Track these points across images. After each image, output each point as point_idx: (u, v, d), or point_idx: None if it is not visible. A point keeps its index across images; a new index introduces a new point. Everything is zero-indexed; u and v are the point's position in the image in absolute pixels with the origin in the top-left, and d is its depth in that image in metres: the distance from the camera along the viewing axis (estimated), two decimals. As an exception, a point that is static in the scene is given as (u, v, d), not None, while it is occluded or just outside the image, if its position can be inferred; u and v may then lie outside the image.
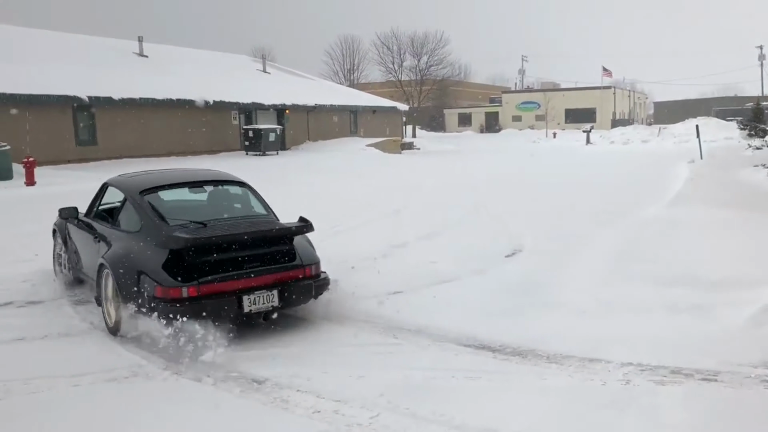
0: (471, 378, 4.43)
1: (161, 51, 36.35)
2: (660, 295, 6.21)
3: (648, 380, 4.31)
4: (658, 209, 11.48)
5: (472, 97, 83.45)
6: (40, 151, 21.51)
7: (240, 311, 5.15)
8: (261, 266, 5.36)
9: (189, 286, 5.02)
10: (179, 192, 6.45)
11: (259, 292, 5.22)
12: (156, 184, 6.20)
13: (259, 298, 5.22)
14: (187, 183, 6.53)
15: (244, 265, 5.28)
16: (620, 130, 43.09)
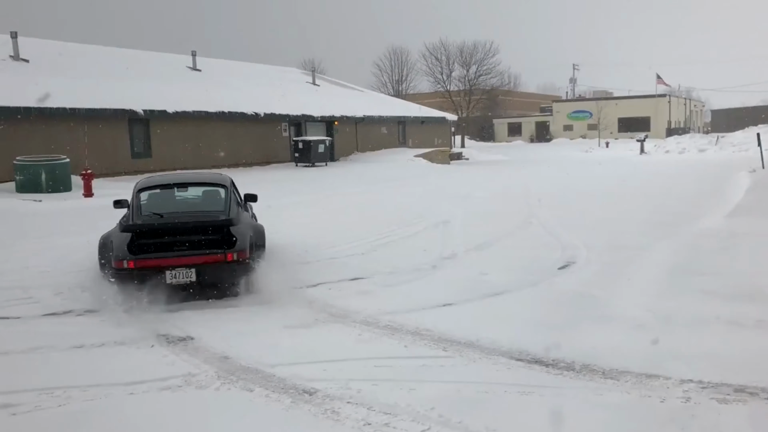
0: (524, 393, 4.34)
1: (213, 65, 37.16)
2: (721, 309, 6.00)
3: (710, 398, 4.15)
4: (717, 220, 11.12)
5: (522, 107, 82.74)
6: (97, 164, 22.20)
7: (164, 282, 6.49)
8: (184, 249, 6.72)
9: (129, 260, 6.50)
10: (168, 191, 7.88)
11: (179, 269, 6.54)
12: (151, 184, 7.80)
13: (179, 274, 6.55)
14: (176, 184, 7.99)
15: (173, 247, 6.74)
16: (676, 139, 42.02)
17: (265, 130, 31.41)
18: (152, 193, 7.68)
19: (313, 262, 8.78)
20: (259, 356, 5.10)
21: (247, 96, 31.99)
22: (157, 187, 7.79)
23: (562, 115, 73.07)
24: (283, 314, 6.32)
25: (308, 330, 5.84)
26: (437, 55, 62.59)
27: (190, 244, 6.80)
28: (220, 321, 6.13)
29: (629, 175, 23.31)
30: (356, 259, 9.00)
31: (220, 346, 5.38)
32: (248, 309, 6.54)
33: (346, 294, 7.01)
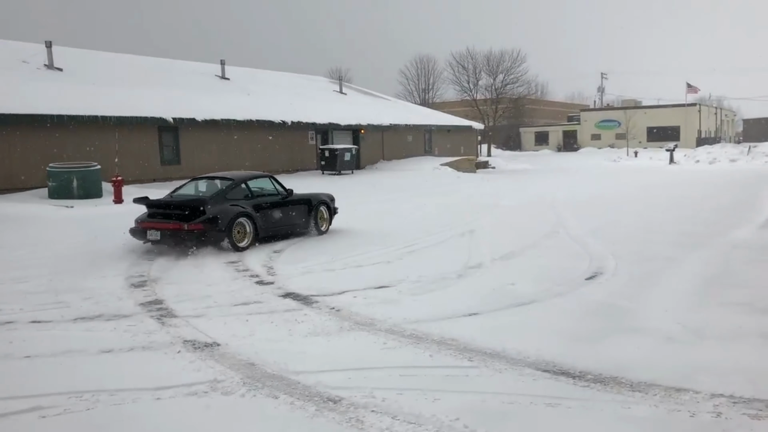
0: (550, 405, 4.29)
1: (242, 74, 37.55)
2: (753, 322, 5.89)
3: (741, 413, 4.07)
4: (750, 232, 10.94)
5: (549, 116, 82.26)
6: (127, 170, 22.53)
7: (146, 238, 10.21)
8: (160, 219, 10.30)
9: (137, 221, 10.52)
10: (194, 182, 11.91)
11: (153, 231, 10.11)
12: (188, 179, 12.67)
13: (152, 234, 10.10)
14: (204, 177, 11.99)
15: (156, 216, 10.45)
16: (706, 149, 41.42)
17: (292, 138, 31.62)
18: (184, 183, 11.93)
19: (339, 270, 8.80)
20: (284, 363, 5.12)
21: (275, 104, 32.27)
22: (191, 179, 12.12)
23: (589, 124, 72.47)
24: (309, 322, 6.34)
25: (333, 338, 5.84)
26: (464, 64, 62.54)
27: (164, 215, 10.39)
28: (246, 328, 6.16)
29: (658, 185, 23.02)
30: (382, 267, 9.00)
31: (246, 353, 5.41)
32: (273, 316, 6.57)
33: (372, 302, 7.01)
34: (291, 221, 11.64)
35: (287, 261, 9.55)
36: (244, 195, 11.03)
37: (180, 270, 9.04)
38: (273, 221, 11.22)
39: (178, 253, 10.13)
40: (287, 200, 11.61)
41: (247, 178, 11.41)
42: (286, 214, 11.52)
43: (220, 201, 10.54)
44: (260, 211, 10.95)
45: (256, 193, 11.39)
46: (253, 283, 8.13)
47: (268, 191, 11.64)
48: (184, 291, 7.73)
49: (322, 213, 12.22)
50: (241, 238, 10.46)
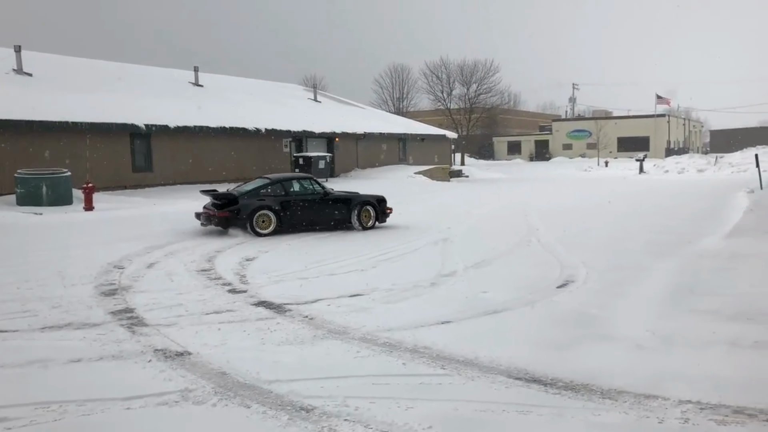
0: (522, 412, 4.32)
1: (215, 80, 37.35)
2: (720, 329, 6.00)
3: (708, 419, 4.14)
4: (717, 241, 11.14)
5: (522, 125, 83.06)
6: (98, 177, 22.23)
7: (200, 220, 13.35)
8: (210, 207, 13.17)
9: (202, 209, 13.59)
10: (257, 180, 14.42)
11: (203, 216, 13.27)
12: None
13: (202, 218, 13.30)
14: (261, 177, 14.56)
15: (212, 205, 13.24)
16: (675, 159, 42.18)
17: (267, 146, 31.50)
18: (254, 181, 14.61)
19: (312, 278, 8.78)
20: (257, 372, 5.09)
21: (249, 111, 32.14)
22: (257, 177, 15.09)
23: (561, 134, 73.36)
24: (282, 330, 6.31)
25: (306, 346, 5.82)
26: (438, 74, 62.90)
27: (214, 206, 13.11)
28: (218, 336, 6.11)
29: (628, 194, 23.36)
30: (355, 275, 8.99)
31: (217, 362, 5.36)
32: (246, 325, 6.53)
33: (345, 310, 7.00)
34: (326, 216, 13.71)
35: (260, 269, 9.50)
36: (277, 192, 13.38)
37: (151, 278, 8.94)
38: (301, 215, 13.40)
39: (149, 263, 9.99)
40: (323, 199, 13.69)
41: (283, 179, 13.88)
42: (321, 210, 13.63)
43: (252, 196, 13.11)
44: (288, 206, 13.23)
45: (293, 191, 13.63)
46: (225, 292, 8.07)
47: (307, 190, 13.77)
48: (156, 299, 7.64)
49: (367, 211, 14.02)
50: (265, 227, 12.92)
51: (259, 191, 13.33)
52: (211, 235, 13.03)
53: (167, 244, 11.93)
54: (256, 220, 12.85)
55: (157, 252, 11.05)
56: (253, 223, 12.81)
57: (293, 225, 13.33)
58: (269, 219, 12.98)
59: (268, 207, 13.00)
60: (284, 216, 13.16)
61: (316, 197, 13.73)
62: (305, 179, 14.29)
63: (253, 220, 12.81)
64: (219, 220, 12.77)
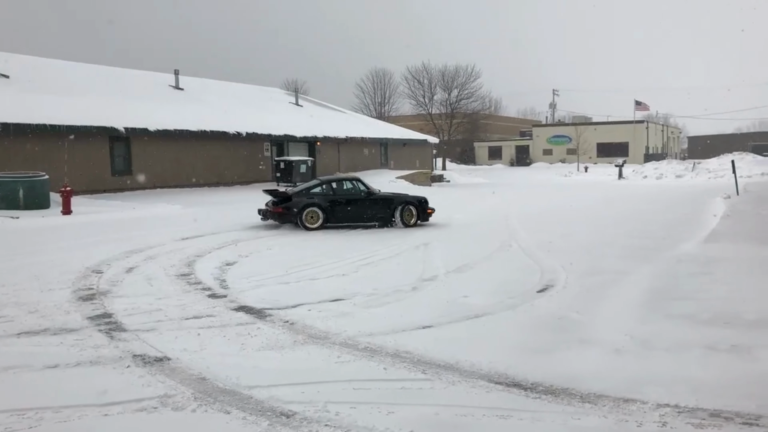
0: (502, 417, 4.34)
1: (196, 84, 37.15)
2: (698, 334, 6.07)
3: (686, 423, 4.18)
4: (694, 246, 11.27)
5: (502, 131, 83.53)
6: (76, 181, 22.00)
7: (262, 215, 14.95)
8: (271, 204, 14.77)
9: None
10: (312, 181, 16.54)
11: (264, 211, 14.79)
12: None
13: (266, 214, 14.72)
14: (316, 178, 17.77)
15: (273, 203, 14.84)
16: (653, 165, 42.65)
17: (247, 150, 31.38)
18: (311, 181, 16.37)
19: (293, 283, 8.75)
20: (236, 378, 5.06)
21: (230, 115, 31.99)
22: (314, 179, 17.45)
23: (541, 139, 73.91)
24: (262, 335, 6.28)
25: (287, 351, 5.80)
26: (419, 79, 63.14)
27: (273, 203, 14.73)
28: (197, 342, 6.07)
29: (608, 199, 23.58)
30: (337, 279, 8.98)
31: (197, 367, 5.32)
32: (226, 330, 6.49)
33: (326, 315, 6.99)
34: (369, 214, 14.99)
35: (240, 274, 9.45)
36: (326, 192, 14.78)
37: (130, 283, 8.86)
38: (346, 212, 14.79)
39: (128, 267, 9.90)
40: (367, 198, 15.01)
41: (332, 180, 15.45)
42: (364, 209, 14.95)
43: (303, 195, 14.64)
44: (335, 204, 14.62)
45: (341, 191, 15.04)
46: (205, 297, 8.01)
47: (353, 190, 15.17)
48: (134, 304, 7.57)
49: (410, 210, 15.13)
50: (313, 222, 14.35)
51: (310, 191, 14.82)
52: (190, 239, 12.95)
53: (147, 248, 11.82)
54: (305, 216, 14.29)
55: (136, 256, 10.95)
56: (303, 218, 14.26)
57: (339, 221, 14.69)
58: (317, 215, 14.36)
59: (317, 205, 14.43)
60: (331, 213, 14.53)
61: (361, 197, 15.05)
62: (352, 180, 15.57)
63: (303, 216, 14.26)
64: (274, 215, 14.43)
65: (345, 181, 15.50)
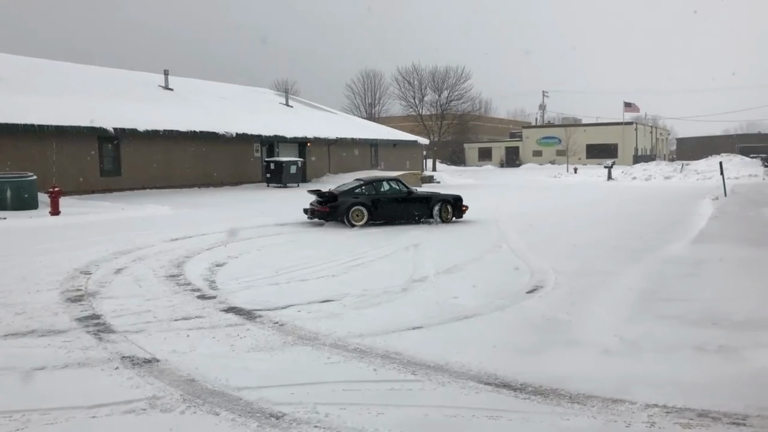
0: (492, 417, 4.35)
1: (186, 84, 37.02)
2: (686, 334, 6.10)
3: (674, 423, 4.21)
4: (683, 247, 11.34)
5: (492, 132, 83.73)
6: (65, 181, 21.87)
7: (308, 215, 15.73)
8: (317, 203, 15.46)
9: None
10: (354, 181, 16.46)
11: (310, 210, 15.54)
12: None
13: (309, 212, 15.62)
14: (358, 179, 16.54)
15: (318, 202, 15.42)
16: (642, 166, 42.87)
17: (237, 150, 31.30)
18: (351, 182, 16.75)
19: (283, 284, 8.74)
20: (226, 379, 5.04)
21: (220, 116, 31.91)
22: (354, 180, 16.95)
23: (531, 140, 74.15)
24: (251, 337, 6.26)
25: (276, 352, 5.78)
26: (410, 80, 63.27)
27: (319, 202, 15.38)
28: (187, 343, 6.05)
29: (597, 201, 23.68)
30: (327, 280, 8.97)
31: (186, 369, 5.30)
32: (215, 331, 6.47)
33: (316, 316, 6.98)
34: (409, 211, 15.92)
35: (230, 275, 9.42)
36: (369, 191, 15.56)
37: (119, 284, 8.81)
38: (388, 210, 15.61)
39: (116, 268, 9.84)
40: (407, 197, 15.93)
41: (374, 180, 16.18)
42: (405, 207, 15.85)
43: (348, 195, 15.36)
44: (378, 203, 15.43)
45: (384, 190, 15.81)
46: (194, 298, 7.98)
47: (394, 190, 15.96)
48: (123, 305, 7.53)
49: (446, 208, 16.12)
50: (358, 220, 15.12)
51: (354, 190, 15.57)
52: (179, 240, 12.90)
53: (136, 249, 11.77)
54: (351, 215, 15.09)
55: (125, 257, 10.90)
56: (349, 216, 15.06)
57: (382, 218, 15.59)
58: (362, 213, 15.17)
59: (362, 203, 15.25)
60: (374, 211, 15.36)
61: (402, 196, 15.93)
62: (393, 180, 16.41)
63: (349, 214, 15.07)
64: (321, 213, 15.16)
65: (386, 181, 16.28)
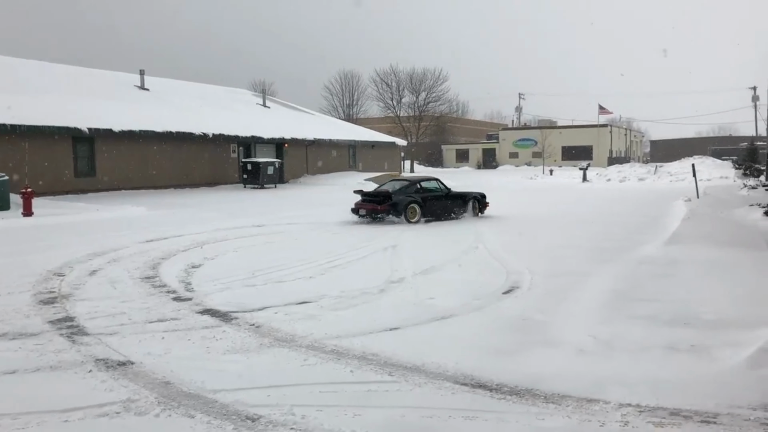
0: (468, 418, 4.37)
1: (162, 84, 36.69)
2: (659, 334, 6.19)
3: (647, 422, 4.26)
4: (656, 248, 11.49)
5: (469, 134, 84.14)
6: (38, 182, 21.56)
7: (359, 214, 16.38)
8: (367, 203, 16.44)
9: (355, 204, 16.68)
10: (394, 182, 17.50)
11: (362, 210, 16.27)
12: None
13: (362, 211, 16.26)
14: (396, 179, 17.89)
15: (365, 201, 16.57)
16: (617, 168, 43.37)
17: (214, 151, 31.09)
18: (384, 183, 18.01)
19: (259, 286, 8.70)
20: (201, 382, 5.01)
21: (196, 116, 31.67)
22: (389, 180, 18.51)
23: (508, 142, 74.59)
24: (227, 339, 6.23)
25: (253, 355, 5.76)
26: (387, 81, 63.35)
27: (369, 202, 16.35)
28: (162, 345, 6.00)
29: (572, 202, 23.90)
30: (304, 282, 8.95)
31: (161, 371, 5.26)
32: (191, 333, 6.42)
33: (293, 318, 6.96)
34: (449, 208, 17.15)
35: (206, 277, 9.36)
36: (416, 190, 16.73)
37: (93, 286, 8.71)
38: (434, 207, 16.78)
39: (91, 270, 9.71)
40: (447, 195, 17.21)
41: (419, 180, 17.34)
42: (446, 204, 17.11)
43: (401, 194, 16.37)
44: (426, 200, 16.57)
45: (426, 189, 17.02)
46: (169, 299, 7.92)
47: (436, 188, 17.25)
48: (97, 307, 7.45)
49: (476, 204, 17.71)
50: (413, 217, 16.14)
51: (406, 189, 16.62)
52: (155, 241, 12.78)
53: (111, 250, 11.64)
54: (409, 212, 16.07)
55: (99, 259, 10.77)
56: (407, 213, 16.06)
57: (429, 215, 16.58)
58: (416, 210, 16.24)
59: (416, 202, 16.36)
60: (425, 208, 16.44)
61: (443, 194, 17.20)
62: (434, 180, 17.73)
63: (407, 211, 16.06)
64: (380, 211, 16.13)
65: (428, 180, 17.47)
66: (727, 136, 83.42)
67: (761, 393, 4.64)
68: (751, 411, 4.37)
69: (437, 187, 17.33)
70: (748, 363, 5.25)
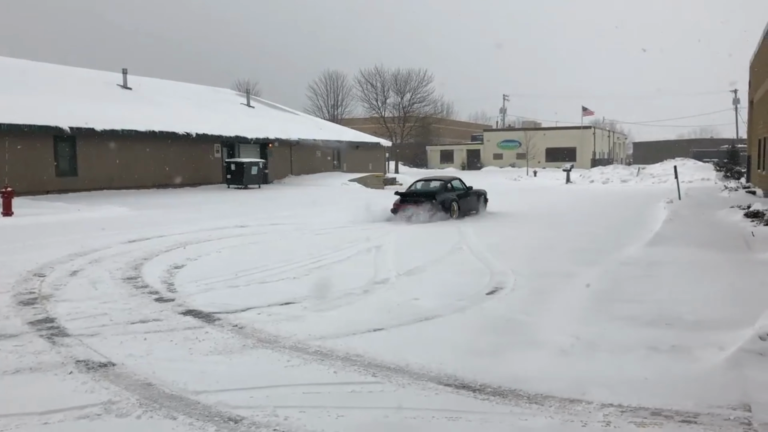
0: (451, 418, 4.38)
1: (145, 83, 36.42)
2: (640, 335, 6.23)
3: (629, 422, 4.29)
4: (638, 249, 11.57)
5: (454, 135, 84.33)
6: (18, 181, 21.32)
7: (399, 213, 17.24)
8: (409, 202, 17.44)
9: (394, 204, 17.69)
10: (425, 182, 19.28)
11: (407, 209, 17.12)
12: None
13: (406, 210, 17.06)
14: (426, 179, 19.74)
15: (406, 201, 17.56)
16: (600, 170, 43.67)
17: (197, 151, 30.92)
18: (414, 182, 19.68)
19: (243, 287, 8.66)
20: (183, 383, 4.98)
21: (179, 116, 31.47)
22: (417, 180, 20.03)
23: (492, 143, 74.86)
24: (210, 340, 6.19)
25: (236, 356, 5.73)
26: (372, 82, 63.34)
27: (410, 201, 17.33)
28: (143, 346, 5.95)
29: (555, 203, 24.04)
30: (287, 283, 8.92)
31: (143, 373, 5.22)
32: (173, 334, 6.38)
33: (276, 319, 6.93)
34: (472, 204, 18.82)
35: (189, 277, 9.30)
36: (449, 189, 18.15)
37: (74, 286, 8.62)
38: (464, 204, 18.30)
39: (72, 270, 9.60)
40: (469, 192, 18.84)
41: (450, 179, 18.85)
42: (471, 200, 18.79)
43: (442, 192, 17.72)
44: (460, 198, 18.16)
45: (455, 187, 18.45)
46: (152, 300, 7.86)
47: (460, 186, 18.70)
48: (78, 308, 7.37)
49: (486, 200, 19.77)
50: (453, 213, 17.49)
51: (444, 189, 17.96)
52: (137, 241, 12.68)
53: (92, 251, 11.54)
54: (450, 209, 17.44)
55: (80, 259, 10.67)
56: (450, 209, 17.43)
57: (461, 211, 17.93)
58: (455, 208, 17.63)
59: (454, 199, 17.79)
60: (460, 205, 17.96)
61: (469, 192, 18.80)
62: (457, 179, 19.22)
63: (450, 208, 17.45)
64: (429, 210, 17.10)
65: (454, 180, 18.96)
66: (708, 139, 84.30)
67: (741, 393, 4.69)
68: (731, 411, 4.42)
69: (461, 186, 18.79)
70: (728, 363, 5.30)
